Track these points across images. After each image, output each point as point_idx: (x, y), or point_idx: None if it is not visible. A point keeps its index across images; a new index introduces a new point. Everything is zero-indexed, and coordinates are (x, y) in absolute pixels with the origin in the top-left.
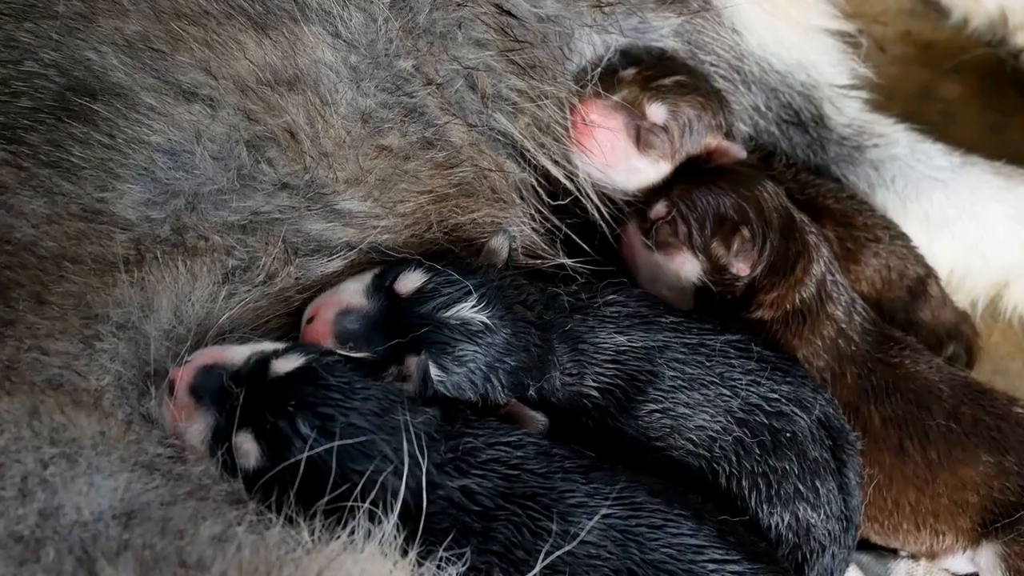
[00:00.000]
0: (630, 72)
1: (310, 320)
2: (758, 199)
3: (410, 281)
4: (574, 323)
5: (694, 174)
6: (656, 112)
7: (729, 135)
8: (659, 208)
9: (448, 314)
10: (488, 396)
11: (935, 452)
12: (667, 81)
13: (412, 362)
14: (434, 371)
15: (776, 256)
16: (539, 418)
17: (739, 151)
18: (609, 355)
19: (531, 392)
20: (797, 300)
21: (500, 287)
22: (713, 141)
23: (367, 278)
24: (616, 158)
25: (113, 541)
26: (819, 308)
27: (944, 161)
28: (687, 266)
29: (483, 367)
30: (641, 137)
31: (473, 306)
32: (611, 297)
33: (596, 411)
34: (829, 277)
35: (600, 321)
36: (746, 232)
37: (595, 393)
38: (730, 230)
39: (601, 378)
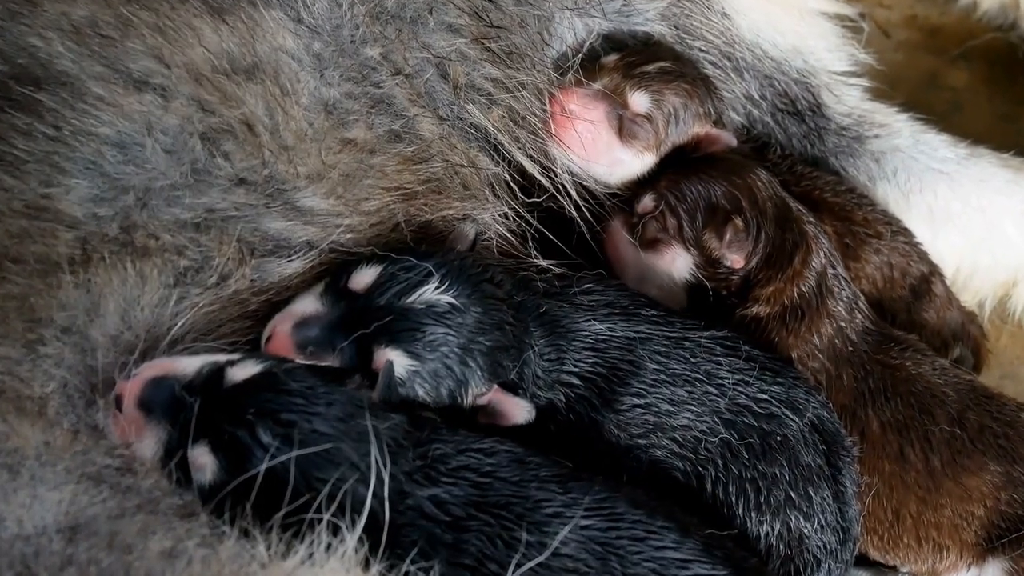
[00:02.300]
0: (612, 58)
1: (268, 339)
2: (751, 187)
3: (365, 276)
4: (549, 306)
5: (682, 164)
6: (639, 101)
7: (718, 123)
8: (646, 201)
9: (411, 299)
10: (469, 382)
11: (938, 460)
12: (650, 68)
13: (380, 353)
14: (408, 360)
15: (772, 247)
16: (524, 404)
17: (729, 139)
18: (588, 342)
19: (512, 376)
20: (796, 294)
21: (461, 267)
22: (701, 130)
23: (319, 286)
24: (597, 151)
25: (56, 556)
26: (819, 304)
27: (949, 152)
28: (679, 261)
29: (457, 349)
30: (623, 127)
31: (436, 288)
32: (588, 286)
33: (579, 403)
34: (830, 270)
35: (576, 308)
36: (739, 221)
37: (576, 381)
38: (722, 220)
39: (581, 364)
